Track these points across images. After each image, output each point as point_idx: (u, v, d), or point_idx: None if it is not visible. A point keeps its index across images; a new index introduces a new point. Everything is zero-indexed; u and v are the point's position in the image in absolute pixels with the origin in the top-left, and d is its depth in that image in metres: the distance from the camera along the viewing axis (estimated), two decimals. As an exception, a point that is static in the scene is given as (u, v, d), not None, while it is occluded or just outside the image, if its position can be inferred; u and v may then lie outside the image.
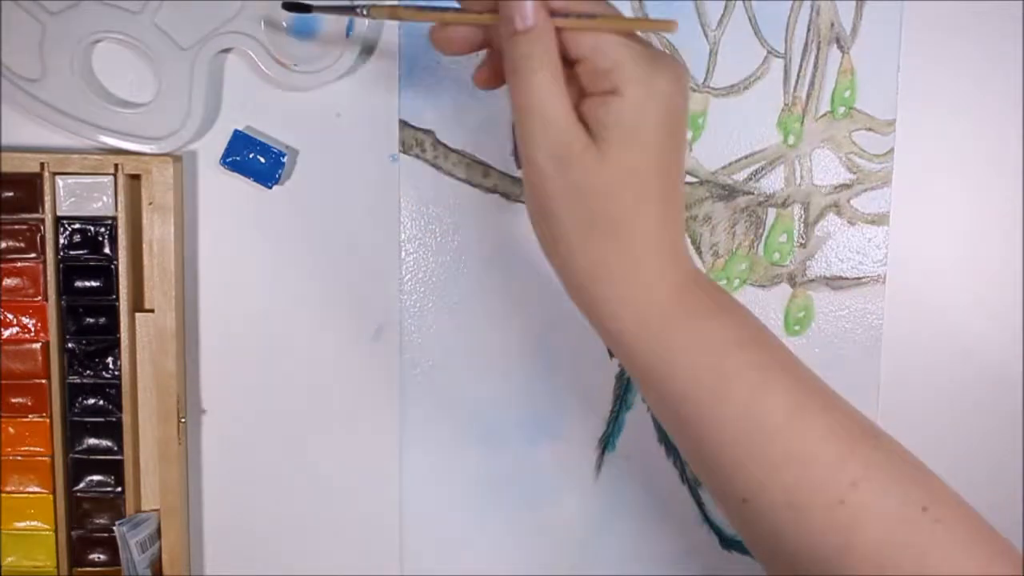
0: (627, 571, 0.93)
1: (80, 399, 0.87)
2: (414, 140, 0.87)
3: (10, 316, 0.86)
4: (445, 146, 0.87)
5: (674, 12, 0.86)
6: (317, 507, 0.92)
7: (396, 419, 0.91)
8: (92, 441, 0.87)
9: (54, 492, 0.88)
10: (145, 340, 0.87)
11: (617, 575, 0.93)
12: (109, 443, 0.87)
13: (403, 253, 0.89)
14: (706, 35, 0.87)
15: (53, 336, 0.86)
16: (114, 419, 0.87)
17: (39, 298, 0.86)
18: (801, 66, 0.87)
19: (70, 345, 0.87)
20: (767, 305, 0.90)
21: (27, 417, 0.87)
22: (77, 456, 0.88)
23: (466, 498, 0.92)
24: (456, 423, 0.91)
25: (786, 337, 0.90)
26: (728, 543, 0.93)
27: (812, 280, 0.90)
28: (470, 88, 0.86)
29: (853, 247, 0.89)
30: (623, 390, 0.91)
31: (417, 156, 0.87)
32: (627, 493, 0.92)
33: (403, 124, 0.87)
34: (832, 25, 0.87)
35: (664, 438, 0.91)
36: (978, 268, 0.90)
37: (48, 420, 0.86)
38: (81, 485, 0.88)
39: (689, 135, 0.88)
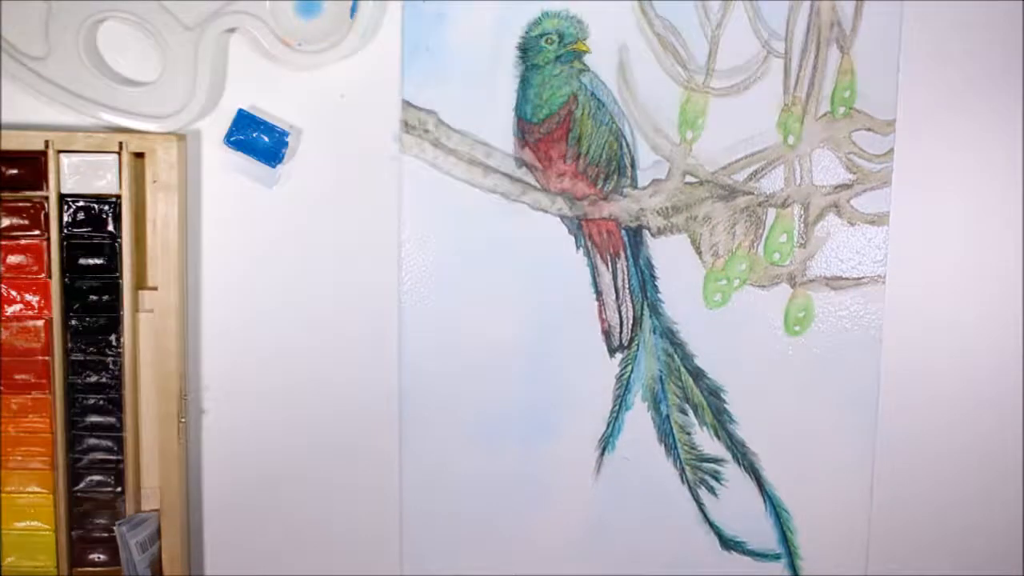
0: (627, 571, 0.92)
1: (83, 376, 0.86)
2: (417, 120, 0.86)
3: (14, 293, 0.84)
4: (447, 126, 0.86)
5: (675, 11, 0.85)
6: (317, 506, 0.90)
7: (396, 417, 0.89)
8: (94, 418, 0.86)
9: (54, 492, 0.86)
10: (147, 318, 0.86)
11: (617, 575, 0.93)
12: (111, 420, 0.86)
13: (402, 252, 0.87)
14: (706, 35, 0.85)
15: (56, 313, 0.84)
16: (116, 396, 0.86)
17: (43, 275, 0.84)
18: (801, 66, 0.86)
19: (73, 322, 0.85)
20: (767, 305, 0.88)
21: (30, 393, 0.85)
22: (79, 432, 0.87)
23: (466, 498, 0.91)
24: (456, 423, 0.90)
25: (786, 337, 0.89)
26: (728, 544, 0.92)
27: (812, 280, 0.88)
28: (472, 69, 0.86)
29: (853, 247, 0.88)
30: (623, 391, 0.89)
31: (420, 136, 0.86)
32: (627, 493, 0.91)
33: (406, 104, 0.86)
34: (832, 25, 0.85)
35: (663, 438, 0.90)
36: (978, 268, 0.89)
37: (51, 396, 0.85)
38: (81, 485, 0.87)
39: (689, 135, 0.87)
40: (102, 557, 0.88)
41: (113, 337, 0.86)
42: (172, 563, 0.87)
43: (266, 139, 0.85)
